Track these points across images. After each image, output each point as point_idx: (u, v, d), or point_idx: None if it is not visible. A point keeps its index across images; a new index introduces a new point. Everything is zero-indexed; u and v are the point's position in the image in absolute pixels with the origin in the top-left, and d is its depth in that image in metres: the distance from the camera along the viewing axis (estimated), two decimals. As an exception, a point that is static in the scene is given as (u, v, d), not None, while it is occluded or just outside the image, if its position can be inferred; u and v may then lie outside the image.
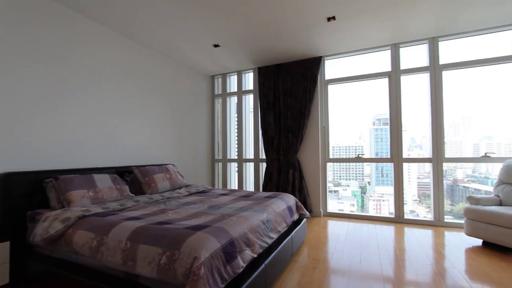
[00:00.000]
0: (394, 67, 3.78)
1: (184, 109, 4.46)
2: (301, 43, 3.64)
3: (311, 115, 4.16)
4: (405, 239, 3.01)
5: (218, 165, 5.15)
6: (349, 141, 4.31)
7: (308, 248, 2.76)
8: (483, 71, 3.49)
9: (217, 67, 4.68)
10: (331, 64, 4.26)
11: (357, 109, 4.32)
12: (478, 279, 2.07)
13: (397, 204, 3.74)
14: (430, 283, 2.01)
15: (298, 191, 4.09)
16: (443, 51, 3.57)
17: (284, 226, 2.37)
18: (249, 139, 4.93)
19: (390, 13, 2.94)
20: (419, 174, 4.00)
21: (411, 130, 3.89)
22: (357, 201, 4.34)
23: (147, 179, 3.04)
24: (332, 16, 2.93)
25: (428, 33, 3.46)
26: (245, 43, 3.63)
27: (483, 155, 3.44)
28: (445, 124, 3.55)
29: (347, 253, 2.62)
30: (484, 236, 2.65)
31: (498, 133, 3.57)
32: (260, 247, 1.83)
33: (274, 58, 4.18)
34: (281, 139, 4.28)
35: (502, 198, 2.90)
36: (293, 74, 4.21)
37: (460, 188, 3.82)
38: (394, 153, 3.78)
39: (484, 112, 3.64)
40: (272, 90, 4.36)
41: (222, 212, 2.06)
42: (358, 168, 4.42)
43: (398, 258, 2.48)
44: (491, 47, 3.43)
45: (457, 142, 3.79)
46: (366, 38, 3.55)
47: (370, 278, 2.10)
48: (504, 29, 3.30)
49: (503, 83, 3.44)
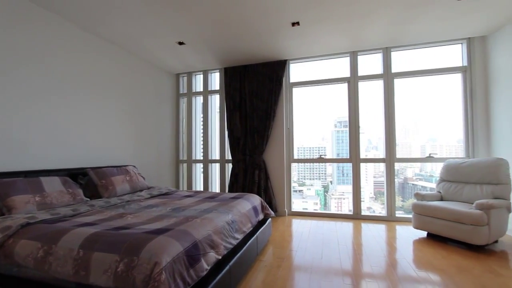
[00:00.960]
0: (352, 73, 4.03)
1: (147, 108, 4.25)
2: (267, 45, 3.70)
3: (277, 116, 4.26)
4: (362, 234, 3.22)
5: (182, 166, 5.00)
6: (313, 142, 4.49)
7: (273, 247, 2.81)
8: (430, 80, 3.89)
9: (182, 66, 4.56)
10: (295, 68, 4.40)
11: (320, 111, 4.52)
12: (423, 267, 2.29)
13: (355, 202, 3.99)
14: (383, 274, 2.17)
15: (264, 191, 4.15)
16: (395, 61, 3.91)
17: (249, 227, 2.39)
18: (215, 139, 4.87)
19: (349, 24, 3.13)
20: (375, 173, 4.30)
21: (369, 133, 4.18)
22: (320, 199, 4.54)
23: (104, 181, 2.84)
24: (297, 21, 3.04)
25: (382, 43, 3.75)
26: (211, 42, 3.59)
27: (428, 156, 3.83)
28: (397, 127, 3.88)
29: (309, 250, 2.72)
30: (429, 228, 2.95)
31: (441, 136, 4.01)
32: (225, 249, 1.81)
33: (241, 59, 4.19)
34: (247, 140, 4.31)
35: (443, 194, 3.25)
36: (259, 76, 4.26)
37: (410, 185, 4.20)
38: (352, 154, 4.02)
39: (429, 117, 4.05)
40: (239, 91, 4.36)
41: (186, 214, 2.01)
42: (321, 168, 4.63)
43: (356, 253, 2.64)
44: (437, 59, 3.84)
45: (407, 144, 4.16)
46: (328, 45, 3.74)
47: (331, 273, 2.21)
48: (448, 43, 3.72)
49: (447, 92, 3.87)
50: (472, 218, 2.54)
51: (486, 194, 2.85)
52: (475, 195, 2.93)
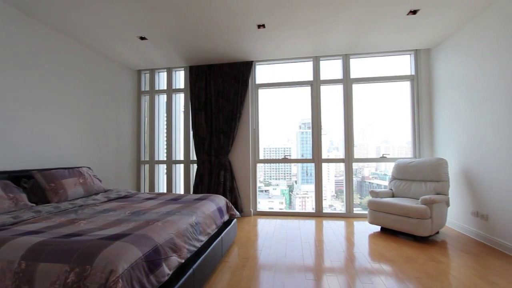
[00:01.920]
0: (315, 77, 4.21)
1: (105, 105, 3.97)
2: (233, 46, 3.70)
3: (243, 117, 4.27)
4: (324, 231, 3.37)
5: (144, 168, 4.76)
6: (278, 143, 4.59)
7: (238, 248, 2.81)
8: (384, 86, 4.22)
9: (144, 62, 4.34)
10: (261, 69, 4.46)
11: (286, 113, 4.63)
12: (377, 259, 2.47)
13: (317, 200, 4.17)
14: (342, 268, 2.30)
15: (229, 192, 4.13)
16: (354, 67, 4.17)
17: (214, 228, 2.36)
18: (179, 140, 4.73)
19: (312, 30, 3.27)
20: (336, 173, 4.54)
21: (331, 134, 4.40)
22: (285, 199, 4.65)
23: (53, 184, 2.58)
24: (262, 24, 3.09)
25: (342, 51, 3.98)
26: (176, 39, 3.48)
27: (381, 156, 4.15)
28: (355, 129, 4.15)
29: (274, 248, 2.78)
30: (382, 223, 3.19)
31: (393, 138, 4.37)
32: (188, 252, 1.77)
33: (207, 58, 4.13)
34: (212, 140, 4.25)
35: (394, 191, 3.55)
36: (225, 76, 4.23)
37: (367, 184, 4.51)
38: (315, 155, 4.20)
39: (384, 120, 4.39)
40: (204, 91, 4.29)
41: (146, 218, 1.91)
42: (286, 168, 4.74)
43: (317, 249, 2.76)
44: (390, 67, 4.19)
45: (364, 145, 4.47)
46: (292, 49, 3.86)
47: (294, 269, 2.28)
48: (399, 54, 4.07)
49: (398, 98, 4.23)
50: (418, 212, 2.82)
51: (429, 190, 3.18)
52: (421, 191, 3.25)
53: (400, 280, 2.07)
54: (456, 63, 3.33)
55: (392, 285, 1.98)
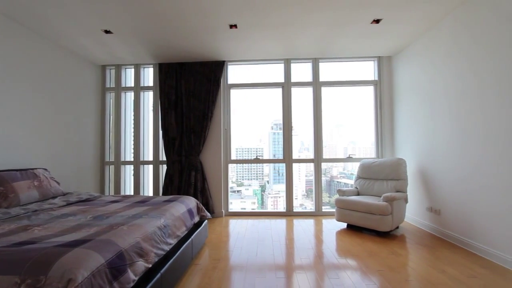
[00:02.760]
0: (286, 79, 4.30)
1: (65, 102, 3.68)
2: (205, 45, 3.64)
3: (214, 117, 4.22)
4: (294, 230, 3.45)
5: (109, 169, 4.50)
6: (251, 143, 4.61)
7: (209, 249, 2.78)
8: (351, 90, 4.44)
9: (110, 57, 4.11)
10: (234, 69, 4.45)
11: (258, 114, 4.67)
12: (343, 255, 2.59)
13: (288, 200, 4.26)
14: (311, 265, 2.37)
15: (201, 193, 4.06)
16: (323, 70, 4.33)
17: (184, 230, 2.30)
18: (148, 139, 4.54)
19: (283, 33, 3.34)
20: (306, 173, 4.67)
21: (302, 135, 4.52)
22: (258, 199, 4.68)
23: (2, 188, 2.34)
24: (234, 24, 3.08)
25: (311, 54, 4.11)
26: (144, 35, 3.34)
27: (348, 156, 4.36)
28: (325, 131, 4.31)
29: (245, 249, 2.78)
30: (348, 220, 3.35)
31: (359, 139, 4.61)
32: (156, 256, 1.71)
33: (177, 56, 4.02)
34: (183, 140, 4.15)
35: (359, 189, 3.75)
36: (196, 75, 4.16)
37: (335, 183, 4.70)
38: (286, 155, 4.29)
39: (351, 122, 4.62)
40: (174, 89, 4.17)
41: (110, 222, 1.81)
42: (258, 168, 4.78)
43: (288, 247, 2.81)
44: (356, 72, 4.42)
45: (333, 146, 4.66)
46: (264, 50, 3.90)
47: (265, 268, 2.30)
48: (364, 59, 4.32)
49: (364, 101, 4.47)
50: (380, 209, 3.00)
51: (390, 188, 3.41)
52: (383, 189, 3.47)
53: (364, 273, 2.18)
54: (414, 71, 3.61)
55: (356, 279, 2.09)
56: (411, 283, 2.02)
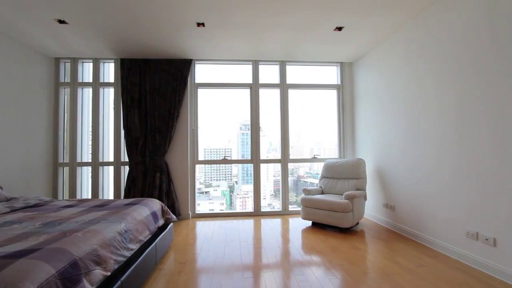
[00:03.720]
0: (254, 80, 4.34)
1: (10, 97, 3.29)
2: (171, 42, 3.53)
3: (181, 116, 4.11)
4: (262, 230, 3.49)
5: (63, 171, 4.13)
6: (219, 144, 4.56)
7: (175, 253, 2.69)
8: (316, 93, 4.62)
9: (64, 49, 3.78)
10: (201, 68, 4.37)
11: (227, 114, 4.64)
12: (308, 252, 2.69)
13: (255, 200, 4.29)
14: (278, 263, 2.42)
15: (166, 195, 3.92)
16: (290, 73, 4.45)
17: (147, 234, 2.20)
18: (108, 139, 4.27)
19: (251, 34, 3.36)
20: (274, 173, 4.75)
21: (270, 136, 4.59)
22: (226, 200, 4.64)
23: None
24: (202, 22, 3.03)
25: (278, 57, 4.20)
26: (104, 28, 3.13)
27: (313, 157, 4.53)
28: (292, 132, 4.42)
29: (212, 250, 2.75)
30: (313, 218, 3.48)
31: (324, 140, 4.81)
32: (115, 263, 1.61)
33: (141, 52, 3.84)
34: (147, 141, 3.97)
35: (323, 188, 3.92)
36: (162, 72, 4.01)
37: (302, 182, 4.85)
38: (253, 155, 4.32)
39: (316, 123, 4.80)
40: (138, 87, 3.97)
41: (63, 228, 1.67)
42: (227, 169, 4.74)
43: (256, 247, 2.84)
44: (321, 76, 4.62)
45: (299, 146, 4.80)
46: (232, 50, 3.89)
47: (232, 269, 2.30)
48: (328, 64, 4.52)
49: (328, 104, 4.68)
50: (342, 206, 3.17)
51: (351, 186, 3.61)
52: (344, 188, 3.67)
53: (327, 268, 2.29)
54: (371, 77, 3.87)
55: (320, 274, 2.18)
56: (369, 275, 2.16)
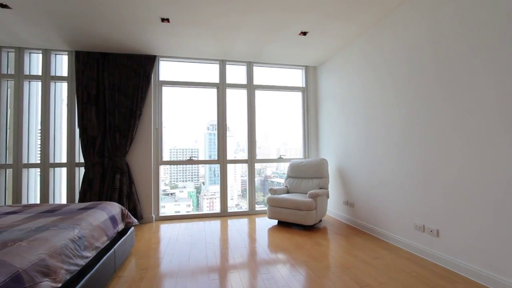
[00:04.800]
0: (221, 80, 4.31)
1: None
2: (133, 36, 3.34)
3: (144, 115, 3.92)
4: (228, 230, 3.47)
5: (5, 173, 3.69)
6: (186, 144, 4.44)
7: (136, 258, 2.56)
8: (283, 94, 4.73)
9: (6, 37, 3.37)
10: (166, 66, 4.22)
11: (194, 113, 4.53)
12: (274, 250, 2.74)
13: (222, 201, 4.26)
14: (244, 263, 2.43)
15: (127, 198, 3.71)
16: (257, 74, 4.50)
17: (105, 240, 2.06)
18: (61, 138, 3.91)
19: (217, 33, 3.31)
20: (242, 173, 4.76)
21: (237, 136, 4.58)
22: (193, 201, 4.53)
23: None
24: (167, 18, 2.92)
25: (246, 58, 4.22)
26: (56, 15, 2.86)
27: (279, 157, 4.63)
28: (261, 132, 4.47)
29: (177, 254, 2.67)
30: (279, 217, 3.56)
31: (290, 141, 4.94)
32: (67, 273, 1.48)
33: (100, 45, 3.58)
34: (106, 140, 3.71)
35: (289, 187, 4.03)
36: (123, 68, 3.78)
37: (269, 182, 4.92)
38: (220, 156, 4.29)
39: (283, 124, 4.91)
40: (96, 82, 3.70)
41: (3, 238, 1.48)
42: (194, 169, 4.63)
43: (222, 248, 2.82)
44: (288, 78, 4.74)
45: (267, 147, 4.87)
46: (198, 49, 3.82)
47: (197, 272, 2.25)
48: (294, 67, 4.65)
49: (294, 105, 4.81)
50: (306, 205, 3.29)
51: (315, 185, 3.76)
52: (309, 187, 3.81)
53: (292, 265, 2.35)
54: (334, 81, 4.08)
55: (284, 271, 2.24)
56: (330, 269, 2.27)
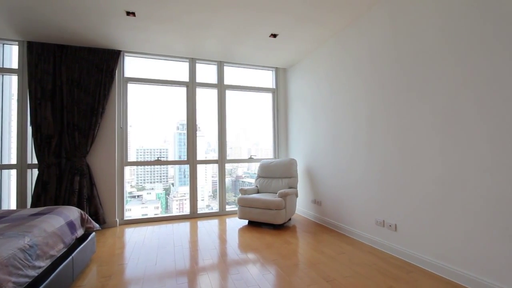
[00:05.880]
0: (191, 78, 4.22)
1: None
2: (96, 29, 3.14)
3: (107, 113, 3.69)
4: (198, 232, 3.41)
5: None
6: (154, 144, 4.27)
7: (98, 266, 2.40)
8: (254, 95, 4.75)
9: None
10: (132, 62, 4.02)
11: (163, 112, 4.37)
12: (244, 250, 2.74)
13: (192, 202, 4.17)
14: (214, 265, 2.40)
15: (88, 201, 3.47)
16: (228, 74, 4.47)
17: (61, 248, 1.91)
18: (10, 136, 3.54)
19: (187, 30, 3.23)
20: (213, 173, 4.70)
21: (208, 136, 4.51)
22: (161, 203, 4.37)
23: None
24: (132, 12, 2.78)
25: (216, 57, 4.18)
26: (3, 0, 2.58)
27: (250, 157, 4.66)
28: (232, 132, 4.45)
29: (143, 258, 2.56)
30: (249, 217, 3.57)
31: (261, 141, 4.98)
32: (15, 286, 1.35)
33: (57, 36, 3.30)
34: (63, 140, 3.44)
35: (259, 187, 4.07)
36: (83, 62, 3.53)
37: (240, 182, 4.91)
38: (190, 156, 4.19)
39: (254, 125, 4.93)
40: (52, 76, 3.41)
41: None
42: (163, 170, 4.46)
43: (191, 250, 2.75)
44: (259, 79, 4.78)
45: (238, 147, 4.86)
46: (167, 46, 3.70)
47: (165, 277, 2.18)
48: (264, 69, 4.71)
49: (265, 106, 4.86)
50: (276, 204, 3.34)
51: (285, 185, 3.85)
52: (278, 186, 3.88)
53: (262, 265, 2.38)
54: (303, 83, 4.20)
55: (255, 271, 2.25)
56: (299, 266, 2.33)
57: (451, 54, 2.03)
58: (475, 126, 1.86)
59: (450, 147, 2.03)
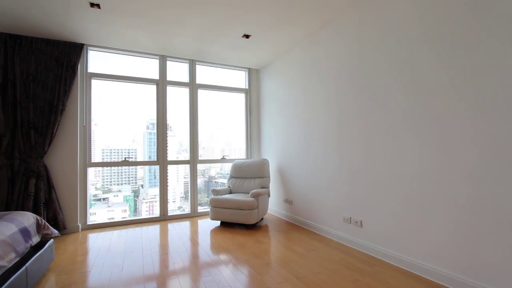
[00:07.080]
0: (161, 76, 4.08)
1: None
2: (56, 19, 2.90)
3: (68, 110, 3.44)
4: (168, 235, 3.31)
5: None
6: (122, 144, 4.05)
7: (57, 275, 2.23)
8: (227, 95, 4.72)
9: None
10: (97, 57, 3.78)
11: (131, 111, 4.16)
12: (216, 251, 2.72)
13: (162, 204, 4.04)
14: (185, 268, 2.34)
15: (45, 206, 3.21)
16: (200, 73, 4.40)
17: (12, 258, 1.74)
18: (-50, 136, 3.15)
19: (155, 26, 3.12)
20: (185, 174, 4.58)
21: (180, 136, 4.39)
22: (130, 205, 4.17)
23: None
24: (97, 3, 2.61)
25: (188, 55, 4.09)
26: None
27: (222, 157, 4.63)
28: (204, 133, 4.37)
29: (108, 265, 2.42)
30: (221, 218, 3.54)
31: (234, 141, 4.97)
32: (-43, 303, 1.20)
33: (9, 25, 3.00)
34: (16, 138, 3.14)
35: (232, 188, 4.05)
36: (41, 54, 3.25)
37: (213, 183, 4.85)
38: (160, 156, 4.05)
39: (227, 125, 4.90)
40: (2, 69, 3.09)
41: None
42: (131, 171, 4.26)
43: (161, 254, 2.66)
44: (232, 79, 4.76)
45: (211, 147, 4.79)
46: (134, 41, 3.54)
47: (132, 283, 2.08)
48: (237, 69, 4.71)
49: (238, 106, 4.86)
50: (248, 204, 3.36)
51: (257, 185, 3.88)
52: (251, 186, 3.90)
53: (234, 265, 2.37)
54: (276, 84, 4.27)
55: (227, 272, 2.24)
56: (270, 265, 2.37)
57: (416, 57, 2.19)
58: (427, 130, 2.04)
59: (411, 148, 2.20)
